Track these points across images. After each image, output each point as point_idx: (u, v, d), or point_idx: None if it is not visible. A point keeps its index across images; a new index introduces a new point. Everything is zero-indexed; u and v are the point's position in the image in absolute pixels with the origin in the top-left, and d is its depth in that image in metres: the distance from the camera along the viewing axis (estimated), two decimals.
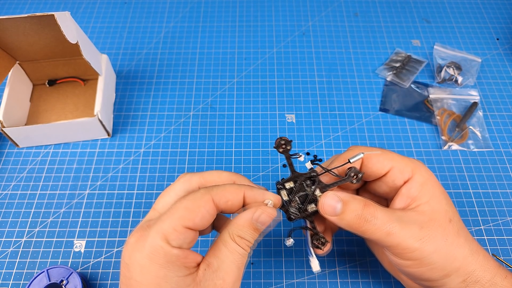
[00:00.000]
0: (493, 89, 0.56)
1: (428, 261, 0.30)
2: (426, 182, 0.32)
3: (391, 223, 0.30)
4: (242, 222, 0.29)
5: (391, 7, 0.67)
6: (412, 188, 0.32)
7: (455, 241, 0.30)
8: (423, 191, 0.32)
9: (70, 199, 0.47)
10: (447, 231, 0.30)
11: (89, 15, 0.66)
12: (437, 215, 0.31)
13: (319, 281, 0.41)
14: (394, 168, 0.32)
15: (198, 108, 0.54)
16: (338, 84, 0.57)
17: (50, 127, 0.47)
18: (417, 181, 0.32)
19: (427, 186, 0.32)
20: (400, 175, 0.32)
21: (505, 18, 0.65)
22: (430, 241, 0.30)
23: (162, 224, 0.27)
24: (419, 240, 0.29)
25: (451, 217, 0.31)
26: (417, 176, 0.32)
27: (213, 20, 0.65)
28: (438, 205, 0.31)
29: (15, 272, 0.42)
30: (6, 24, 0.43)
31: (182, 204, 0.27)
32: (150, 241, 0.26)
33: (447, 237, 0.30)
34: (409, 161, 0.33)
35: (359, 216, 0.30)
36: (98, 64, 0.50)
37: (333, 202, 0.31)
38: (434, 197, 0.31)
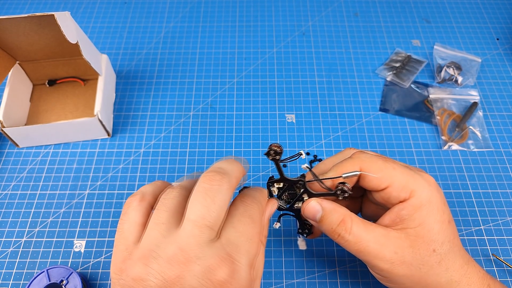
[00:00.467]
0: (493, 89, 0.56)
1: (397, 281, 0.31)
2: (421, 207, 0.30)
3: (363, 242, 0.30)
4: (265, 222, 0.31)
5: (391, 7, 0.67)
6: (404, 209, 0.31)
7: (430, 271, 0.30)
8: (414, 216, 0.30)
9: (70, 199, 0.47)
10: (425, 261, 0.30)
11: (89, 15, 0.66)
12: (419, 243, 0.30)
13: (319, 281, 0.41)
14: (392, 185, 0.31)
15: (198, 108, 0.54)
16: (338, 84, 0.57)
17: (50, 127, 0.47)
18: (412, 204, 0.31)
19: (421, 212, 0.30)
20: (396, 194, 0.31)
21: (505, 18, 0.65)
22: (400, 266, 0.30)
23: (251, 254, 0.26)
24: (389, 264, 0.30)
25: (436, 246, 0.30)
26: (414, 199, 0.31)
27: (213, 20, 0.65)
28: (425, 233, 0.30)
29: (15, 272, 0.42)
30: (6, 24, 0.43)
31: (256, 229, 0.28)
32: (246, 276, 0.25)
33: (423, 266, 0.30)
34: (412, 179, 0.31)
35: (333, 229, 0.31)
36: (98, 64, 0.50)
37: (313, 210, 0.32)
38: (424, 224, 0.30)
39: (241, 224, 0.27)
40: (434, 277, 0.30)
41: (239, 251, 0.25)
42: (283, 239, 0.44)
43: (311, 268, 0.42)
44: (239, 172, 0.29)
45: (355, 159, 0.32)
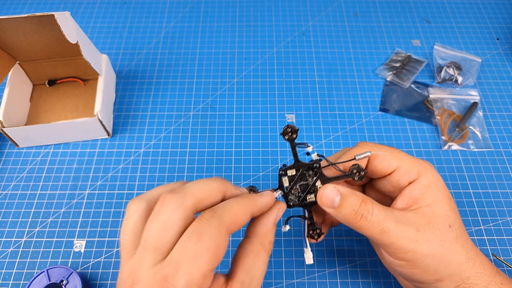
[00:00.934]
0: (493, 89, 0.56)
1: (422, 263, 0.30)
2: (431, 185, 0.31)
3: (386, 222, 0.30)
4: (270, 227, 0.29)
5: (391, 7, 0.67)
6: (415, 189, 0.32)
7: (451, 247, 0.30)
8: (426, 194, 0.31)
9: (70, 199, 0.47)
10: (445, 236, 0.30)
11: (89, 15, 0.66)
12: (437, 219, 0.31)
13: (319, 281, 0.41)
14: (400, 168, 0.32)
15: (198, 108, 0.54)
16: (338, 84, 0.57)
17: (50, 127, 0.47)
18: (421, 183, 0.32)
19: (431, 189, 0.31)
20: (405, 176, 0.32)
21: (505, 18, 0.65)
22: (425, 244, 0.30)
23: (190, 275, 0.23)
24: (414, 242, 0.29)
25: (451, 222, 0.31)
26: (422, 178, 0.32)
27: (213, 20, 0.65)
28: (439, 209, 0.31)
29: (15, 272, 0.42)
30: (6, 24, 0.43)
31: (204, 246, 0.24)
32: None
33: (444, 242, 0.30)
34: (417, 162, 0.32)
35: (355, 211, 0.30)
36: (98, 64, 0.50)
37: (331, 194, 0.31)
38: (437, 201, 0.31)
39: (184, 243, 0.24)
40: (455, 253, 0.30)
41: (177, 272, 0.23)
42: (283, 239, 0.44)
43: (311, 268, 0.42)
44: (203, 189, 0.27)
45: (362, 146, 0.33)
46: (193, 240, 0.24)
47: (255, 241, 0.29)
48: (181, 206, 0.25)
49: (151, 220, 0.25)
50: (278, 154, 0.50)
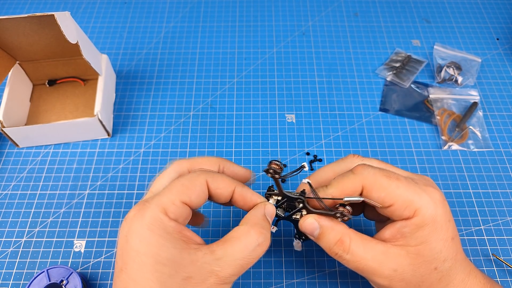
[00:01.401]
0: (493, 89, 0.56)
1: None
2: (424, 227, 0.30)
3: (362, 261, 0.30)
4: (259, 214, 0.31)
5: (391, 7, 0.67)
6: (406, 227, 0.30)
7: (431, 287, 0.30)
8: (416, 235, 0.30)
9: (70, 199, 0.47)
10: (425, 278, 0.30)
11: (89, 15, 0.66)
12: (420, 261, 0.30)
13: (319, 281, 0.41)
14: (395, 205, 0.30)
15: (198, 108, 0.54)
16: (338, 84, 0.57)
17: (50, 127, 0.47)
18: (414, 223, 0.30)
19: (423, 231, 0.30)
20: (399, 213, 0.30)
21: (505, 18, 0.65)
22: (400, 283, 0.30)
23: (161, 198, 0.28)
24: (388, 281, 0.30)
25: (438, 264, 0.30)
26: (417, 218, 0.30)
27: (213, 20, 0.65)
28: (427, 252, 0.30)
29: (15, 272, 0.42)
30: (6, 24, 0.43)
31: (180, 181, 0.30)
32: (149, 213, 0.27)
33: (422, 284, 0.30)
34: (416, 196, 0.30)
35: (330, 248, 0.31)
36: (98, 64, 0.50)
37: (311, 227, 0.32)
38: (426, 244, 0.30)
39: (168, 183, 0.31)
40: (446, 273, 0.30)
41: (154, 197, 0.29)
42: (283, 239, 0.44)
43: (311, 268, 0.42)
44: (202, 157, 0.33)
45: (357, 176, 0.31)
46: (175, 179, 0.30)
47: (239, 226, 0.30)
48: (177, 165, 0.32)
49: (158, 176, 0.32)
50: (278, 154, 0.50)
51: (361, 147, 0.51)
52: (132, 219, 0.28)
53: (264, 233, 0.30)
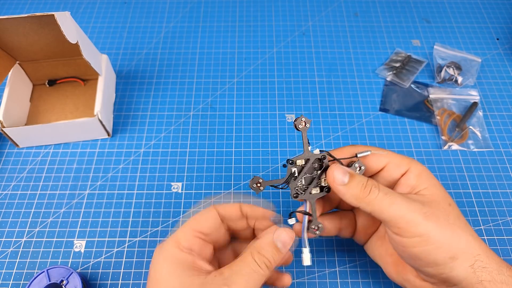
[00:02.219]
0: (493, 89, 0.56)
1: (434, 237, 0.30)
2: (422, 173, 0.34)
3: (394, 194, 0.31)
4: (264, 240, 0.31)
5: (391, 7, 0.67)
6: (410, 178, 0.34)
7: (457, 222, 0.31)
8: (420, 180, 0.33)
9: (70, 199, 0.47)
10: (448, 212, 0.31)
11: (89, 15, 0.66)
12: (437, 198, 0.32)
13: (319, 281, 0.41)
14: (390, 163, 0.34)
15: (198, 108, 0.54)
16: (338, 84, 0.57)
17: (50, 127, 0.47)
18: (413, 172, 0.34)
19: (423, 176, 0.33)
20: (396, 169, 0.34)
21: (505, 18, 0.65)
22: (433, 217, 0.30)
23: (176, 232, 0.32)
24: (423, 214, 0.30)
25: (450, 202, 0.32)
26: (412, 169, 0.34)
27: (213, 20, 0.65)
28: (437, 191, 0.33)
29: (15, 272, 0.42)
30: (6, 24, 0.43)
31: (192, 216, 0.33)
32: (165, 246, 0.31)
33: (449, 217, 0.31)
34: (405, 157, 0.35)
35: (364, 185, 0.31)
36: (98, 64, 0.50)
37: (341, 171, 0.32)
38: (432, 185, 0.33)
39: None
40: (461, 229, 0.31)
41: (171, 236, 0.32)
42: None
43: (311, 268, 0.42)
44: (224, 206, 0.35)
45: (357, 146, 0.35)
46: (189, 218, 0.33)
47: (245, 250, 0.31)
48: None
49: None
50: (278, 154, 0.50)
51: None
52: (155, 254, 0.32)
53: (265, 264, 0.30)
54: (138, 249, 0.43)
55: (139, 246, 0.43)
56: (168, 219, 0.45)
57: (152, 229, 0.44)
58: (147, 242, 0.44)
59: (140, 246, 0.43)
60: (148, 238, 0.44)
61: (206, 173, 0.49)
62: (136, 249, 0.43)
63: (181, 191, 0.47)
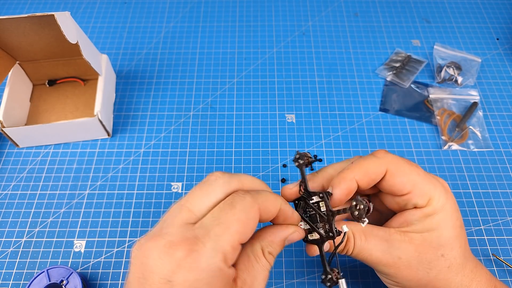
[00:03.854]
0: (493, 89, 0.56)
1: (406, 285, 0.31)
2: (434, 215, 0.30)
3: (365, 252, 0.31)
4: (277, 239, 0.29)
5: (391, 7, 0.67)
6: (415, 215, 0.31)
7: (440, 275, 0.30)
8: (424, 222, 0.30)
9: (70, 199, 0.47)
10: (433, 265, 0.30)
11: (89, 15, 0.66)
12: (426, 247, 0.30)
13: (319, 281, 0.41)
14: (413, 192, 0.30)
15: (198, 108, 0.54)
16: (338, 84, 0.57)
17: (50, 127, 0.47)
18: (424, 212, 0.30)
19: (432, 219, 0.30)
20: (415, 201, 0.30)
21: (505, 18, 0.65)
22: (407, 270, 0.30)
23: (220, 241, 0.24)
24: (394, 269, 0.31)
25: (444, 252, 0.30)
26: (429, 207, 0.30)
27: (213, 20, 0.65)
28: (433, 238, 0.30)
29: (15, 272, 0.42)
30: (6, 24, 0.43)
31: (235, 215, 0.25)
32: (208, 261, 0.23)
33: (430, 271, 0.30)
34: (432, 186, 0.30)
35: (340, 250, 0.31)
36: (98, 64, 0.50)
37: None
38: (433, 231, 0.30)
39: (218, 210, 0.25)
40: (443, 281, 0.30)
41: (207, 234, 0.24)
42: None
43: (311, 268, 0.42)
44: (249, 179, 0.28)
45: (382, 159, 0.30)
46: (226, 209, 0.25)
47: (257, 243, 0.28)
48: (226, 183, 0.27)
49: (196, 186, 0.27)
50: (278, 154, 0.50)
51: (361, 147, 0.51)
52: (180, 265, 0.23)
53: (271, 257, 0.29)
54: None
55: None
56: None
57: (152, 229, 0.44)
58: None
59: None
60: None
61: (206, 173, 0.49)
62: None
63: (181, 191, 0.47)
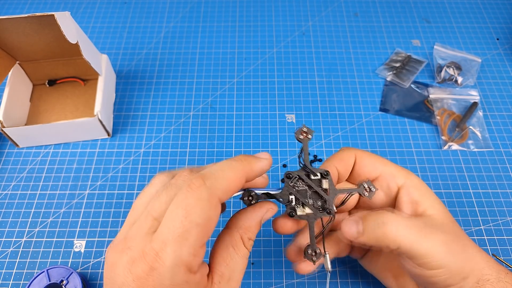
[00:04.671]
0: (493, 89, 0.56)
1: (453, 267, 0.29)
2: (420, 187, 0.32)
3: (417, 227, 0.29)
4: (254, 223, 0.27)
5: (391, 7, 0.67)
6: (411, 193, 0.32)
7: (466, 241, 0.30)
8: (423, 196, 0.32)
9: (70, 199, 0.47)
10: (456, 232, 0.30)
11: (89, 15, 0.66)
12: (444, 218, 0.31)
13: (319, 281, 0.41)
14: (385, 171, 0.33)
15: (198, 108, 0.54)
16: (338, 84, 0.57)
17: (50, 127, 0.47)
18: (412, 185, 0.32)
19: (423, 191, 0.32)
20: (392, 179, 0.33)
21: (505, 18, 0.65)
22: (452, 244, 0.29)
23: (179, 254, 0.22)
24: (445, 245, 0.29)
25: (451, 218, 0.31)
26: (409, 181, 0.32)
27: (213, 20, 0.65)
28: (440, 208, 0.31)
29: (15, 272, 0.42)
30: (6, 24, 0.43)
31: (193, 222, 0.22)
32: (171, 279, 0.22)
33: (459, 238, 0.30)
34: (399, 167, 0.33)
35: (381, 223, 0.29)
36: (98, 64, 0.50)
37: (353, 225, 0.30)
38: (433, 201, 0.32)
39: (172, 217, 0.23)
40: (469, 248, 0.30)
41: (164, 249, 0.22)
42: (283, 239, 0.44)
43: None
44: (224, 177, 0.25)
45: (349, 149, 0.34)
46: (182, 216, 0.22)
47: (235, 233, 0.27)
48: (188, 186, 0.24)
49: (161, 191, 0.25)
50: (278, 154, 0.50)
51: (361, 147, 0.51)
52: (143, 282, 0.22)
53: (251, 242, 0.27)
54: None
55: None
56: None
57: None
58: None
59: None
60: None
61: None
62: None
63: None
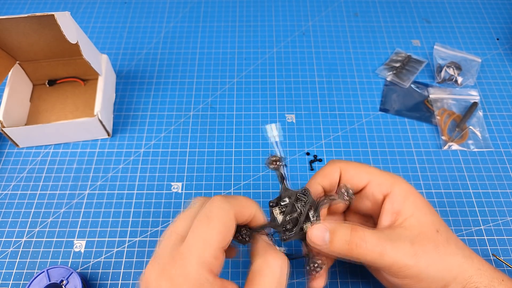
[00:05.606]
0: (493, 89, 0.56)
1: (426, 275, 0.30)
2: (407, 195, 0.32)
3: (381, 244, 0.30)
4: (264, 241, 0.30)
5: (391, 7, 0.67)
6: (394, 202, 0.32)
7: (446, 250, 0.31)
8: (405, 204, 0.32)
9: (70, 199, 0.47)
10: (437, 242, 0.31)
11: (89, 15, 0.66)
12: (424, 227, 0.31)
13: None
14: (372, 181, 0.33)
15: (198, 108, 0.54)
16: (338, 84, 0.57)
17: (50, 127, 0.47)
18: (398, 194, 0.32)
19: (409, 199, 0.32)
20: (378, 188, 0.33)
21: (505, 18, 0.65)
22: (423, 255, 0.30)
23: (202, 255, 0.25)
24: (413, 256, 0.30)
25: (437, 227, 0.31)
26: (397, 190, 0.32)
27: (213, 20, 0.65)
28: (423, 217, 0.31)
29: (15, 272, 0.42)
30: (6, 24, 0.43)
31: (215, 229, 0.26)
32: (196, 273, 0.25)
33: (438, 248, 0.30)
34: (388, 175, 0.34)
35: (348, 241, 0.30)
36: (98, 64, 0.50)
37: (320, 231, 0.31)
38: (418, 209, 0.32)
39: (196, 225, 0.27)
40: (452, 256, 0.31)
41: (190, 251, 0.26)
42: None
43: None
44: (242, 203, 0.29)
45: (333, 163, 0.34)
46: (204, 223, 0.27)
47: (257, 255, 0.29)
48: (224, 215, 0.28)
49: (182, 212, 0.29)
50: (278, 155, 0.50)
51: (361, 147, 0.51)
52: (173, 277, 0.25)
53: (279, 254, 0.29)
54: (138, 249, 0.43)
55: (139, 246, 0.43)
56: (168, 219, 0.45)
57: (152, 229, 0.44)
58: (147, 242, 0.44)
59: (140, 246, 0.43)
60: (148, 238, 0.44)
61: (206, 173, 0.49)
62: (136, 249, 0.43)
63: (181, 191, 0.47)
